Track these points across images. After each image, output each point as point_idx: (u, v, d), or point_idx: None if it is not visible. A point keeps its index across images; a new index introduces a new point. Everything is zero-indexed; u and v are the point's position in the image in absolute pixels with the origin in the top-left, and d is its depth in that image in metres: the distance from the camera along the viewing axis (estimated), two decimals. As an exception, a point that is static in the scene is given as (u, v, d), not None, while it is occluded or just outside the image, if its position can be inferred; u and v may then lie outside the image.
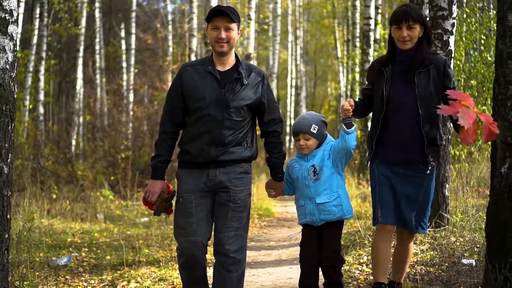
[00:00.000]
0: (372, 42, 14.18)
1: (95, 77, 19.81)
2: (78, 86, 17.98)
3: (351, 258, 5.52)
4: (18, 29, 4.08)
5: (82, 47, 18.47)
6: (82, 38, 18.37)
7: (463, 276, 4.34)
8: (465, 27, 11.60)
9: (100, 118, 16.01)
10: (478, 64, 11.41)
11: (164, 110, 3.80)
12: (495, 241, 3.66)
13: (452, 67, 6.91)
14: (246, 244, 3.76)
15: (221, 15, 3.59)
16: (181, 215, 3.66)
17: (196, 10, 15.72)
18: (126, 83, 19.20)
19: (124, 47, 21.38)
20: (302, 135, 3.84)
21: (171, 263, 5.95)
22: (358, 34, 18.92)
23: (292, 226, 8.94)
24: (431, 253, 5.26)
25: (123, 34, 22.25)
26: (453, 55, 6.24)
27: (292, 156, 25.78)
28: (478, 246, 5.21)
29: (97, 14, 19.55)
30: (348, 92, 24.12)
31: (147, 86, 19.33)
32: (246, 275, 5.38)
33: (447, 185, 6.06)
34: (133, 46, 19.85)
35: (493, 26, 11.92)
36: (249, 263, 6.07)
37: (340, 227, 3.86)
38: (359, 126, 14.99)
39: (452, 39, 6.13)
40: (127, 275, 5.53)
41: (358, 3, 18.36)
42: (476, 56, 11.94)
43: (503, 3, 3.65)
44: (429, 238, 5.67)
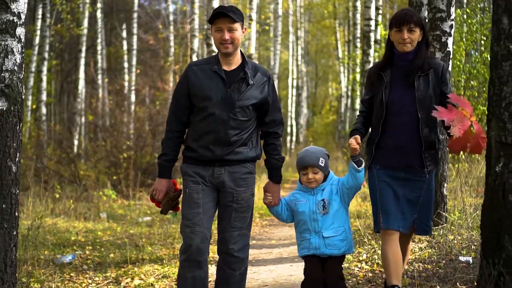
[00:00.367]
0: (372, 42, 14.27)
1: (97, 77, 19.92)
2: (80, 87, 18.10)
3: (351, 256, 5.62)
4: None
5: (84, 47, 18.58)
6: (84, 39, 18.49)
7: (460, 272, 4.44)
8: (465, 28, 11.69)
9: (102, 118, 16.10)
10: (478, 65, 11.48)
11: (170, 109, 3.81)
12: (490, 237, 3.77)
13: (450, 68, 7.02)
14: (249, 242, 3.81)
15: (223, 16, 3.58)
16: (188, 207, 3.65)
17: (197, 11, 15.81)
18: (128, 84, 19.31)
19: (125, 47, 21.49)
20: (310, 168, 3.82)
21: (174, 260, 6.05)
22: (359, 35, 19.02)
23: (293, 225, 9.03)
24: (429, 250, 5.36)
25: (124, 34, 22.37)
26: (451, 56, 6.34)
27: (293, 157, 25.81)
28: (475, 244, 5.30)
29: (98, 15, 19.66)
30: (349, 93, 24.24)
31: (149, 87, 19.43)
32: (247, 273, 5.51)
33: (445, 184, 6.16)
34: (134, 47, 19.95)
35: (493, 27, 11.96)
36: (250, 260, 6.15)
37: (343, 258, 3.87)
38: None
39: (450, 41, 6.23)
40: (130, 272, 5.64)
41: (358, 4, 18.45)
42: (477, 56, 12.03)
43: (497, 6, 3.75)
44: (427, 236, 5.77)
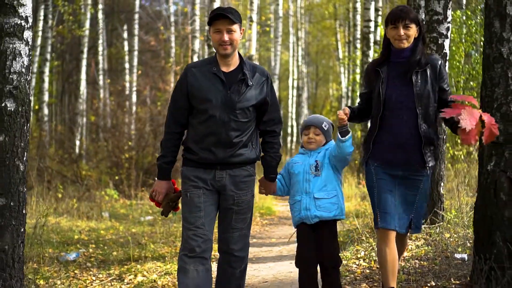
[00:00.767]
0: (372, 44, 14.39)
1: (98, 78, 20.03)
2: (82, 87, 18.22)
3: (349, 253, 5.74)
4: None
5: (86, 48, 18.70)
6: (86, 40, 18.60)
7: (454, 268, 4.56)
8: (465, 29, 11.78)
9: (104, 119, 16.22)
10: (478, 66, 11.54)
11: (169, 111, 3.79)
12: (482, 234, 3.91)
13: (449, 69, 7.14)
14: (249, 240, 3.85)
15: (222, 17, 3.58)
16: (189, 210, 3.66)
17: (198, 12, 15.92)
18: (129, 84, 19.42)
19: (126, 48, 21.60)
20: (313, 128, 3.96)
21: (176, 258, 6.17)
22: (359, 36, 19.12)
23: (293, 225, 9.15)
24: (425, 248, 5.48)
25: (125, 35, 22.48)
26: (447, 58, 6.46)
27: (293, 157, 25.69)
28: (470, 241, 5.41)
29: (100, 16, 19.78)
30: (349, 93, 24.35)
31: (149, 87, 19.54)
32: (248, 270, 5.62)
33: (442, 183, 6.29)
34: (136, 48, 20.06)
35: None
36: (251, 258, 6.28)
37: (335, 227, 3.92)
38: (359, 127, 15.19)
39: (447, 43, 6.35)
40: (133, 269, 5.76)
41: (358, 5, 18.56)
42: (476, 57, 12.11)
43: (489, 11, 3.89)
44: (424, 234, 5.89)
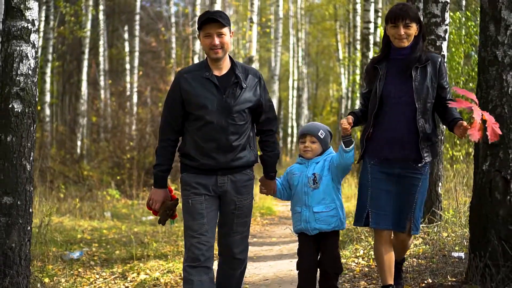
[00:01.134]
0: (371, 45, 14.49)
1: (99, 78, 20.14)
2: (83, 88, 18.32)
3: (348, 252, 5.85)
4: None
5: (87, 49, 18.81)
6: (88, 41, 18.71)
7: (450, 266, 4.67)
8: (464, 31, 11.87)
9: (105, 120, 16.33)
10: (477, 67, 11.58)
11: (163, 118, 3.75)
12: (477, 232, 4.02)
13: (449, 70, 7.24)
14: (248, 241, 3.86)
15: (212, 22, 3.57)
16: (192, 218, 3.64)
17: (199, 13, 16.03)
18: (130, 85, 19.52)
19: (127, 49, 21.70)
20: (309, 136, 3.90)
21: (178, 257, 6.27)
22: (359, 37, 19.22)
23: (292, 224, 9.26)
24: (423, 247, 5.58)
25: (126, 36, 22.58)
26: (446, 60, 6.56)
27: (294, 157, 25.85)
28: (467, 240, 5.49)
29: (101, 17, 19.89)
30: (349, 94, 24.46)
31: (150, 88, 19.65)
32: (249, 268, 5.76)
33: (440, 183, 6.39)
34: (137, 49, 20.17)
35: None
36: (251, 257, 6.40)
37: (338, 235, 3.91)
38: (359, 128, 15.25)
39: (445, 45, 6.45)
40: (136, 267, 5.87)
41: (358, 7, 18.66)
42: (476, 58, 12.19)
43: (485, 15, 4.00)
44: (422, 233, 5.99)
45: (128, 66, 20.71)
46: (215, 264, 4.00)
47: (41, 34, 17.03)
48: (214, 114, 3.58)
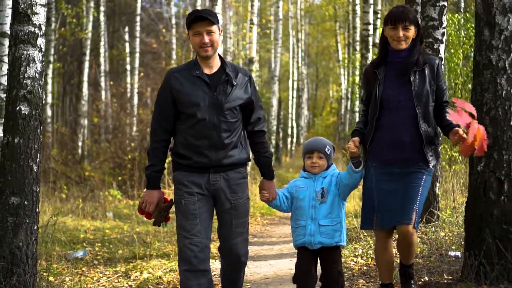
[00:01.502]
0: (371, 46, 14.61)
1: (99, 79, 20.24)
2: (84, 89, 18.43)
3: (347, 251, 5.96)
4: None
5: (88, 51, 18.91)
6: (89, 42, 18.82)
7: (447, 264, 4.78)
8: (464, 32, 11.98)
9: (106, 121, 16.44)
10: (474, 70, 11.66)
11: (155, 118, 3.74)
12: (472, 231, 4.14)
13: (447, 71, 7.32)
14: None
15: (201, 20, 3.58)
16: (185, 218, 3.64)
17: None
18: (131, 86, 19.62)
19: (128, 50, 21.79)
20: (317, 153, 3.91)
21: (180, 256, 6.38)
22: (358, 38, 19.34)
23: (293, 223, 9.37)
24: (421, 246, 5.69)
25: (127, 37, 22.68)
26: (443, 62, 6.68)
27: (294, 157, 25.78)
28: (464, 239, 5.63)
29: (101, 18, 19.99)
30: (349, 95, 24.57)
31: (150, 89, 19.75)
32: (250, 267, 5.89)
33: (437, 183, 6.51)
34: (137, 50, 20.26)
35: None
36: (252, 256, 6.51)
37: (340, 251, 3.92)
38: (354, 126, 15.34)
39: (442, 47, 6.57)
40: (139, 266, 5.98)
41: (358, 8, 18.77)
42: (474, 60, 12.25)
43: (479, 20, 4.12)
44: (420, 233, 6.10)
45: (128, 67, 20.81)
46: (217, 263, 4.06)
47: (43, 36, 17.14)
48: (206, 111, 3.59)
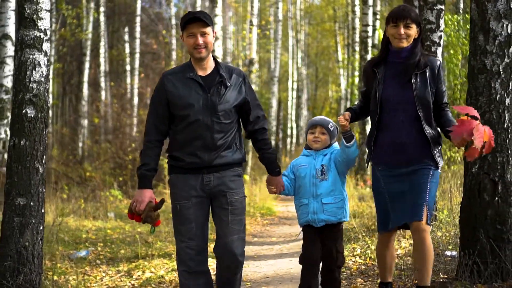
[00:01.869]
0: (370, 48, 14.71)
1: (99, 80, 20.34)
2: (85, 90, 18.53)
3: (346, 251, 6.07)
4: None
5: (88, 51, 19.01)
6: (89, 43, 18.91)
7: (442, 264, 4.88)
8: (463, 33, 12.09)
9: (105, 121, 16.54)
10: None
11: (149, 120, 3.75)
12: (467, 231, 4.26)
13: (446, 72, 7.42)
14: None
15: (195, 21, 3.60)
16: (180, 222, 3.66)
17: (200, 16, 16.19)
18: (130, 86, 19.73)
19: (127, 50, 21.88)
20: (319, 127, 3.98)
21: (181, 255, 6.48)
22: (357, 39, 19.43)
23: (293, 224, 9.47)
24: (418, 246, 5.80)
25: (127, 37, 22.78)
26: (440, 64, 6.78)
27: (294, 158, 26.10)
28: (460, 239, 5.73)
29: (101, 18, 20.09)
30: (348, 95, 24.68)
31: (150, 89, 19.84)
32: (250, 267, 5.99)
33: (435, 184, 6.60)
34: (137, 50, 20.36)
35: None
36: (252, 256, 6.63)
37: (341, 228, 3.96)
38: (357, 129, 15.49)
39: (439, 50, 6.68)
40: (141, 266, 6.09)
41: (357, 9, 18.87)
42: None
43: (474, 26, 4.22)
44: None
45: (128, 67, 20.90)
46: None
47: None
48: (200, 112, 3.61)
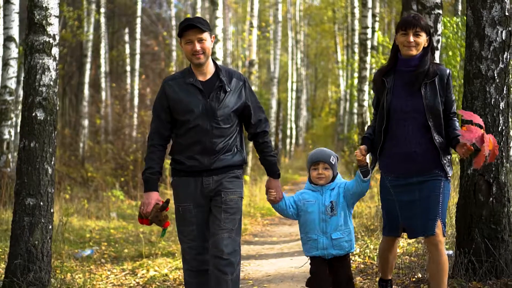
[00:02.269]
0: (369, 49, 14.85)
1: (100, 81, 20.46)
2: (86, 91, 18.66)
3: (345, 250, 6.22)
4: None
5: (89, 52, 19.14)
6: (90, 44, 19.05)
7: (439, 262, 5.03)
8: (462, 35, 12.22)
9: (106, 122, 16.67)
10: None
11: (152, 126, 3.80)
12: (463, 230, 4.41)
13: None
14: (240, 249, 3.76)
15: (192, 28, 3.63)
16: (182, 224, 3.75)
17: (200, 16, 16.31)
18: (131, 87, 19.85)
19: (128, 51, 22.00)
20: (322, 163, 3.87)
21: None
22: (357, 41, 19.57)
23: (293, 224, 9.60)
24: (416, 245, 5.94)
25: (127, 38, 22.90)
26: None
27: (294, 158, 25.89)
28: (457, 239, 5.87)
29: (102, 19, 20.22)
30: (348, 96, 24.84)
31: (149, 90, 19.97)
32: (252, 265, 6.12)
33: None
34: (138, 51, 20.48)
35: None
36: (253, 255, 6.77)
37: (349, 257, 3.96)
38: (357, 131, 15.64)
39: (437, 54, 6.83)
40: (145, 265, 6.23)
41: (356, 11, 19.00)
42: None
43: (470, 32, 4.37)
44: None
45: (128, 68, 21.02)
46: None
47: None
48: (199, 118, 3.65)
